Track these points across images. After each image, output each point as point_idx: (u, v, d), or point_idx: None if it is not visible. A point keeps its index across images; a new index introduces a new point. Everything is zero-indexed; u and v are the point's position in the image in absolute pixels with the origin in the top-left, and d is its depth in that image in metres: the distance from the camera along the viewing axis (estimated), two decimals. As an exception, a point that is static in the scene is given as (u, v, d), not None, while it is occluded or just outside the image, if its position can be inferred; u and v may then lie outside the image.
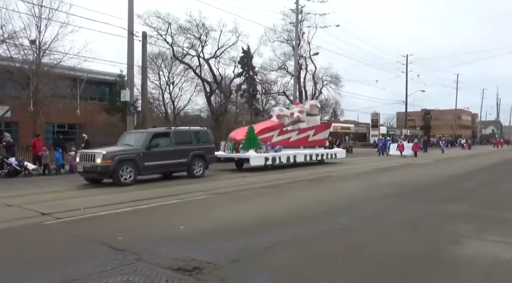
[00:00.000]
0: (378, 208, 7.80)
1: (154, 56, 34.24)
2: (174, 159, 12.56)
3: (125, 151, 11.73)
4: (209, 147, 14.13)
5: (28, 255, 4.73)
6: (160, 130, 13.47)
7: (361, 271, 4.14)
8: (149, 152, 11.88)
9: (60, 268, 4.12)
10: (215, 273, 3.93)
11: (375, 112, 45.17)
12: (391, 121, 77.40)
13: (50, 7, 20.10)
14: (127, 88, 18.93)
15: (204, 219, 6.75)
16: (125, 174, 11.24)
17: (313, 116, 21.14)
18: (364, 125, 49.53)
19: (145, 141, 12.05)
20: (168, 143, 12.69)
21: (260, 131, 17.41)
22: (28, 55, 20.66)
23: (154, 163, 11.97)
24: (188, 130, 14.10)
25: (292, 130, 19.42)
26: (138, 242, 5.04)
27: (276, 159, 16.93)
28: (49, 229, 6.04)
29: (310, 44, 38.59)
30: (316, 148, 20.22)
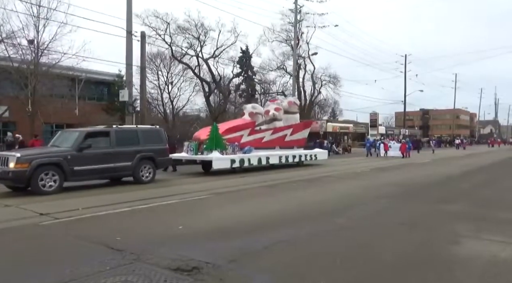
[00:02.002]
0: (376, 208, 7.81)
1: (153, 56, 34.28)
2: (114, 162, 10.85)
3: (47, 154, 9.98)
4: (160, 148, 12.28)
5: (26, 256, 4.72)
6: (97, 129, 11.77)
7: (360, 271, 4.15)
8: (81, 155, 10.15)
9: (58, 268, 4.12)
10: (213, 273, 3.94)
11: (373, 112, 45.15)
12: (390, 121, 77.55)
13: (48, 7, 20.08)
14: (126, 88, 18.91)
15: (203, 219, 6.75)
16: (47, 180, 9.48)
17: (292, 114, 19.48)
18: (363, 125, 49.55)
19: (76, 142, 10.30)
20: (108, 143, 10.93)
21: (227, 130, 15.87)
22: (26, 55, 20.66)
23: (87, 167, 10.23)
24: (134, 129, 12.21)
25: (265, 130, 17.75)
26: (136, 242, 5.05)
27: (244, 161, 15.28)
28: (47, 229, 6.04)
29: (309, 44, 38.71)
30: (295, 149, 18.68)
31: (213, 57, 34.66)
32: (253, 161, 15.76)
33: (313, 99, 43.57)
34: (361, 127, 49.86)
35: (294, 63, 33.33)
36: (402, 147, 27.35)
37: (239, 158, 15.13)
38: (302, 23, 35.96)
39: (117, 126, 11.82)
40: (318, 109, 51.46)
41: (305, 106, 41.89)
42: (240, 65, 39.19)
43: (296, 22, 32.88)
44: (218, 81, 36.38)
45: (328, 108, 54.28)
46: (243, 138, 16.32)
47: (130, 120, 18.97)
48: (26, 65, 20.32)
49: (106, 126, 11.84)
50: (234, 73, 38.77)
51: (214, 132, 14.84)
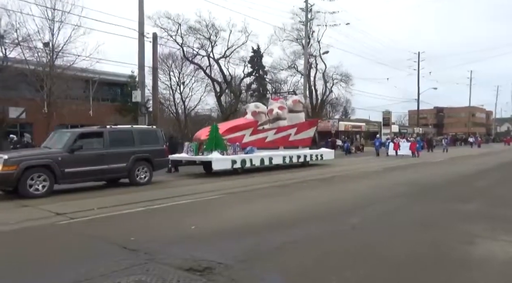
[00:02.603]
0: (389, 208, 7.74)
1: (164, 57, 34.54)
2: (108, 163, 10.53)
3: (37, 155, 9.70)
4: (157, 149, 11.92)
5: (43, 255, 4.84)
6: (90, 129, 11.52)
7: (372, 271, 4.13)
8: (73, 156, 9.85)
9: (73, 268, 4.21)
10: (225, 274, 3.97)
11: (386, 111, 44.65)
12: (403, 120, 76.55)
13: (62, 10, 20.47)
14: (138, 89, 19.16)
15: (215, 219, 6.80)
16: (36, 183, 9.22)
17: (297, 113, 18.93)
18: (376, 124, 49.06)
19: (67, 143, 10.01)
20: (101, 144, 10.63)
21: (227, 130, 15.45)
22: (42, 58, 21.13)
23: (79, 169, 9.93)
24: (129, 129, 11.78)
25: (268, 129, 17.24)
26: (150, 242, 5.12)
27: (246, 162, 14.86)
28: (63, 229, 6.17)
29: (320, 42, 38.44)
30: (299, 149, 18.15)
31: (224, 57, 34.78)
32: (255, 162, 15.32)
33: (324, 98, 43.29)
34: (373, 126, 49.36)
35: (305, 62, 33.21)
36: (411, 146, 26.54)
37: (240, 158, 14.71)
38: (313, 22, 35.79)
39: (111, 126, 11.49)
40: (330, 108, 51.18)
41: (317, 105, 41.68)
42: (251, 64, 39.23)
43: (307, 21, 32.75)
44: (229, 81, 36.50)
45: (340, 107, 53.97)
46: (245, 138, 15.89)
47: (143, 121, 19.21)
48: (42, 67, 20.77)
49: (99, 127, 11.46)
50: (245, 73, 38.83)
51: (214, 133, 14.45)
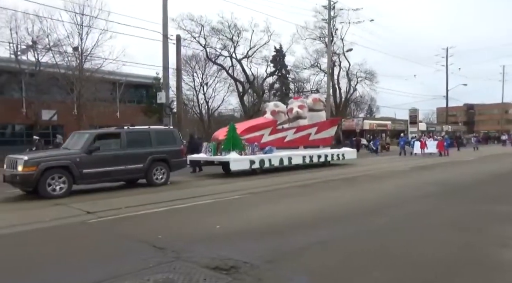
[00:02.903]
0: (417, 208, 7.53)
1: (188, 58, 35.10)
2: (125, 164, 10.59)
3: (56, 156, 9.83)
4: (174, 149, 11.87)
5: (73, 252, 5.00)
6: (107, 130, 11.63)
7: (399, 273, 4.03)
8: (91, 157, 9.96)
9: (103, 265, 4.34)
10: (251, 273, 3.98)
11: (413, 108, 43.43)
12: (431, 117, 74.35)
13: (90, 15, 21.16)
14: (163, 91, 19.55)
15: (239, 218, 6.84)
16: (55, 184, 9.34)
17: (317, 112, 18.59)
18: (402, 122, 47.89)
19: (85, 144, 10.11)
20: (118, 145, 10.71)
21: (245, 130, 15.22)
22: (72, 62, 21.91)
23: (97, 170, 10.03)
24: (146, 130, 11.75)
25: (288, 129, 16.92)
26: (176, 241, 5.20)
27: (265, 162, 14.67)
28: (93, 227, 6.37)
29: (343, 40, 37.90)
30: (320, 148, 17.77)
31: (246, 57, 34.93)
32: (274, 162, 15.12)
33: (348, 97, 42.65)
34: (400, 124, 48.20)
35: (328, 61, 32.83)
36: (439, 144, 25.56)
37: (258, 158, 14.52)
38: (336, 20, 35.32)
39: (128, 127, 11.50)
40: (354, 107, 50.36)
41: (341, 104, 41.13)
42: (273, 64, 39.18)
43: (330, 18, 32.37)
44: (252, 81, 36.61)
45: (364, 106, 53.02)
46: (264, 138, 15.63)
47: (167, 122, 19.58)
48: (72, 71, 21.55)
49: (117, 128, 11.52)
50: (268, 73, 38.84)
51: (231, 133, 14.27)
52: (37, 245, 5.43)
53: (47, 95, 22.03)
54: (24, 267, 4.43)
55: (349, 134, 38.41)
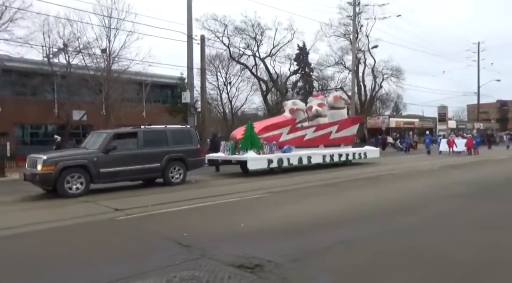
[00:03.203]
0: (444, 208, 7.30)
1: (212, 58, 35.43)
2: (142, 163, 10.66)
3: (74, 156, 9.99)
4: (191, 148, 11.87)
5: (102, 248, 5.17)
6: (124, 130, 11.68)
7: (426, 274, 3.91)
8: (108, 156, 10.06)
9: (131, 261, 4.46)
10: (276, 272, 3.98)
11: (442, 106, 42.02)
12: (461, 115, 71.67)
13: (118, 17, 21.74)
14: (187, 90, 19.84)
15: (263, 217, 6.84)
16: (73, 183, 9.49)
17: (338, 110, 18.16)
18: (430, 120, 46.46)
19: (103, 143, 10.23)
20: (135, 145, 10.78)
21: (263, 129, 15.05)
22: (100, 63, 22.57)
23: (114, 169, 10.13)
24: (163, 129, 11.77)
25: (307, 127, 16.57)
26: (201, 239, 5.27)
27: (283, 161, 14.49)
28: (120, 224, 6.55)
29: (368, 37, 37.22)
30: (341, 147, 17.40)
31: (270, 56, 34.91)
32: (293, 161, 14.88)
33: (374, 94, 41.81)
34: (428, 122, 46.77)
35: (353, 58, 32.31)
36: (468, 143, 24.50)
37: (277, 157, 14.32)
38: (361, 16, 34.70)
39: (145, 127, 11.54)
40: (380, 104, 49.29)
41: (365, 102, 40.40)
42: (297, 62, 38.97)
43: (355, 15, 31.83)
44: (275, 79, 36.55)
45: (390, 103, 51.74)
46: (282, 136, 15.37)
47: (192, 121, 19.86)
48: (100, 72, 22.22)
49: (133, 127, 11.57)
50: (291, 71, 38.68)
51: (249, 131, 14.11)
52: (68, 240, 5.64)
53: (77, 96, 22.81)
54: (56, 261, 4.61)
55: (374, 133, 37.66)
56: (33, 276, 4.16)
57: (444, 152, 25.06)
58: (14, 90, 24.19)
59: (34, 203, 8.99)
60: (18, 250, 5.15)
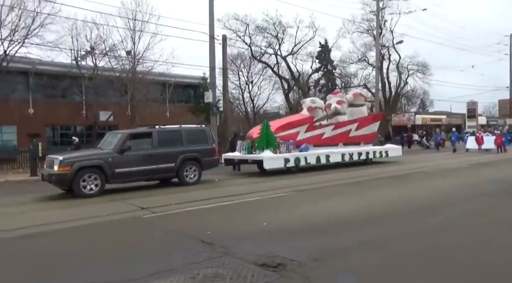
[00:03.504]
0: (473, 207, 7.07)
1: (233, 57, 35.61)
2: (157, 163, 10.68)
3: (89, 156, 10.13)
4: (206, 148, 11.85)
5: (129, 245, 5.33)
6: (139, 130, 11.89)
7: (453, 277, 3.82)
8: (122, 157, 10.16)
9: (156, 258, 4.58)
10: (298, 271, 3.98)
11: (471, 101, 40.58)
12: (492, 111, 68.84)
13: (142, 19, 22.24)
14: (210, 90, 20.03)
15: (286, 216, 6.85)
16: (89, 183, 9.61)
17: (358, 107, 17.68)
18: (459, 116, 44.93)
19: (117, 144, 10.32)
20: (150, 145, 10.83)
21: (280, 128, 14.86)
22: (125, 65, 23.16)
23: (129, 169, 10.22)
24: (177, 129, 11.73)
25: (325, 125, 16.33)
26: (224, 237, 5.34)
27: (300, 160, 14.23)
28: (146, 222, 6.72)
29: (393, 32, 36.36)
30: (361, 145, 17.08)
31: (291, 54, 34.73)
32: (311, 160, 14.59)
33: (399, 91, 40.83)
34: (456, 118, 45.26)
35: (377, 54, 31.67)
36: (497, 140, 23.39)
37: (293, 156, 14.09)
38: (385, 11, 33.97)
39: (159, 127, 11.56)
40: (405, 101, 48.08)
41: (390, 99, 39.52)
42: (319, 60, 38.59)
43: (379, 10, 31.19)
44: (297, 77, 36.34)
45: (416, 100, 50.33)
46: (300, 135, 15.13)
47: (214, 121, 20.06)
48: (125, 74, 22.80)
49: (148, 127, 11.67)
50: (313, 69, 38.33)
51: (265, 130, 13.90)
52: (97, 237, 5.85)
53: (104, 97, 23.50)
54: (83, 258, 4.80)
55: (399, 130, 36.81)
56: (60, 273, 4.33)
57: (472, 150, 24.13)
58: (45, 92, 25.20)
59: (63, 201, 9.25)
60: (49, 247, 5.39)
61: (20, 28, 19.16)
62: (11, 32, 19.06)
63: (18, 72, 22.42)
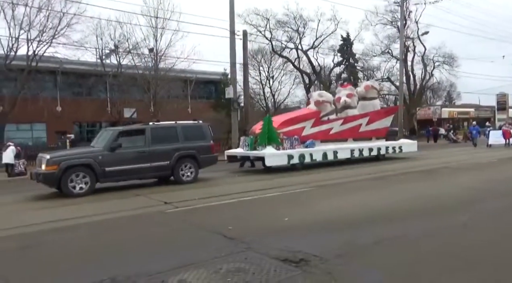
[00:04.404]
0: (506, 204, 6.78)
1: (254, 53, 35.49)
2: (150, 161, 10.26)
3: (78, 154, 9.80)
4: (204, 145, 11.33)
5: (153, 239, 5.42)
6: (131, 127, 11.41)
7: (484, 275, 3.68)
8: (113, 155, 9.79)
9: (179, 252, 4.64)
10: (321, 266, 3.95)
11: (502, 93, 38.91)
12: (524, 102, 65.79)
13: (164, 17, 22.52)
14: (231, 86, 20.07)
15: (308, 211, 6.80)
16: (77, 182, 9.29)
17: (370, 100, 16.70)
18: (488, 109, 43.26)
19: (108, 141, 9.97)
20: (143, 142, 10.40)
21: (284, 123, 14.14)
22: (148, 63, 23.57)
23: (120, 168, 9.81)
24: (173, 125, 11.31)
25: (333, 120, 15.39)
26: (246, 232, 5.35)
27: (305, 157, 13.50)
28: (169, 217, 6.83)
29: (418, 23, 35.23)
30: (373, 140, 16.17)
31: (312, 48, 34.34)
32: (316, 156, 13.88)
33: (424, 84, 39.65)
34: (485, 111, 43.64)
35: (401, 46, 30.83)
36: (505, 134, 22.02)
37: (298, 153, 13.38)
38: (409, 1, 32.92)
39: (153, 123, 11.23)
40: (431, 94, 46.68)
41: (415, 92, 38.45)
42: (341, 53, 37.97)
43: (403, 0, 30.29)
44: (319, 72, 35.93)
45: (442, 92, 48.74)
46: (305, 130, 14.32)
47: (235, 116, 20.12)
48: (148, 71, 23.21)
49: (143, 124, 11.30)
50: (335, 63, 37.78)
51: (267, 126, 13.22)
52: (121, 231, 5.99)
53: (127, 94, 24.03)
54: (110, 250, 4.92)
55: (425, 124, 35.85)
56: (86, 265, 4.46)
57: (495, 145, 22.47)
58: (72, 91, 26.01)
59: (87, 196, 9.30)
60: (75, 241, 5.55)
61: (48, 29, 19.84)
62: (40, 33, 19.75)
63: (47, 71, 23.21)
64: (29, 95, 20.91)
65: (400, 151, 16.64)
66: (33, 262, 4.64)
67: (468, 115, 42.63)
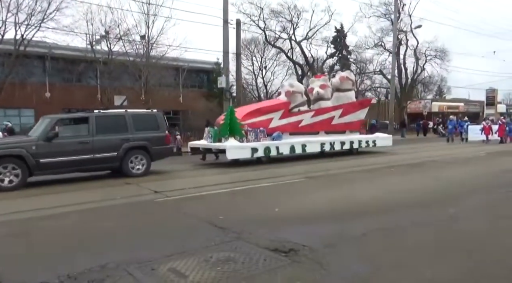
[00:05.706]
0: (493, 198, 6.94)
1: (247, 42, 35.28)
2: (94, 153, 9.42)
3: (7, 144, 8.82)
4: (157, 135, 10.54)
5: (143, 228, 5.41)
6: (72, 115, 10.36)
7: (471, 267, 3.77)
8: (50, 145, 8.89)
9: (169, 241, 4.65)
10: (310, 256, 4.00)
11: (491, 88, 39.40)
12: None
13: (156, 3, 22.14)
14: (223, 75, 19.94)
15: (298, 202, 6.85)
16: (6, 175, 8.42)
17: (345, 92, 16.05)
18: (477, 104, 43.80)
19: (44, 130, 9.03)
20: (86, 131, 9.54)
21: (248, 114, 13.37)
22: (139, 50, 23.22)
23: (57, 159, 8.94)
24: (121, 114, 10.45)
25: (304, 112, 14.73)
26: (236, 222, 5.38)
27: (271, 150, 12.87)
28: (160, 206, 6.82)
29: (411, 16, 35.36)
30: (347, 133, 15.68)
31: (306, 39, 34.26)
32: (283, 150, 13.27)
33: (415, 77, 39.93)
34: (474, 106, 44.15)
35: (394, 39, 30.90)
36: (500, 130, 21.86)
37: (263, 146, 12.76)
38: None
39: (99, 111, 10.38)
40: (422, 88, 47.07)
41: (406, 85, 38.73)
42: (334, 45, 37.96)
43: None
44: (311, 63, 35.88)
45: (433, 86, 49.20)
46: (273, 122, 13.65)
47: (227, 106, 20.02)
48: (139, 58, 22.88)
49: (86, 112, 10.56)
50: (328, 54, 37.78)
51: (229, 117, 12.60)
52: (113, 219, 5.96)
53: (118, 82, 23.68)
54: (101, 239, 4.90)
55: (415, 118, 36.19)
56: (74, 254, 4.44)
57: (473, 141, 22.04)
58: (61, 77, 25.53)
59: (76, 184, 9.28)
60: (62, 229, 5.52)
61: (37, 12, 19.36)
62: (28, 16, 19.27)
63: (35, 56, 22.74)
64: (17, 80, 20.47)
65: (374, 145, 16.18)
66: (22, 249, 4.60)
67: (457, 109, 43.06)
